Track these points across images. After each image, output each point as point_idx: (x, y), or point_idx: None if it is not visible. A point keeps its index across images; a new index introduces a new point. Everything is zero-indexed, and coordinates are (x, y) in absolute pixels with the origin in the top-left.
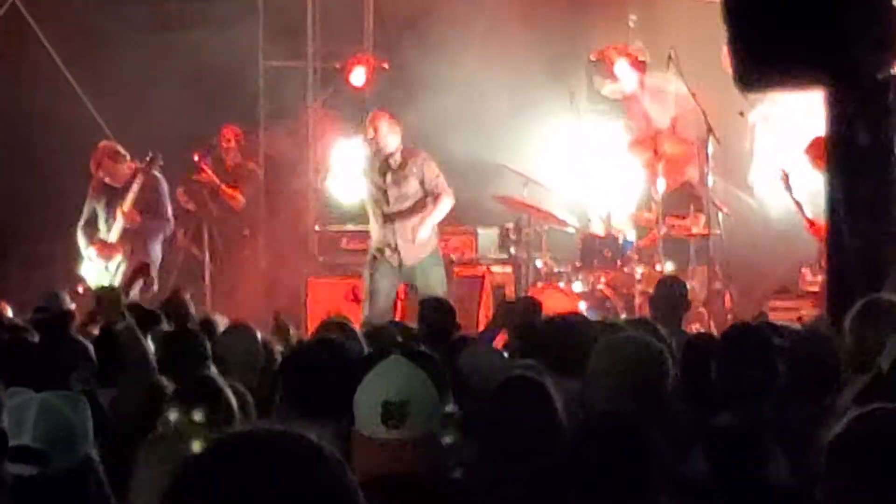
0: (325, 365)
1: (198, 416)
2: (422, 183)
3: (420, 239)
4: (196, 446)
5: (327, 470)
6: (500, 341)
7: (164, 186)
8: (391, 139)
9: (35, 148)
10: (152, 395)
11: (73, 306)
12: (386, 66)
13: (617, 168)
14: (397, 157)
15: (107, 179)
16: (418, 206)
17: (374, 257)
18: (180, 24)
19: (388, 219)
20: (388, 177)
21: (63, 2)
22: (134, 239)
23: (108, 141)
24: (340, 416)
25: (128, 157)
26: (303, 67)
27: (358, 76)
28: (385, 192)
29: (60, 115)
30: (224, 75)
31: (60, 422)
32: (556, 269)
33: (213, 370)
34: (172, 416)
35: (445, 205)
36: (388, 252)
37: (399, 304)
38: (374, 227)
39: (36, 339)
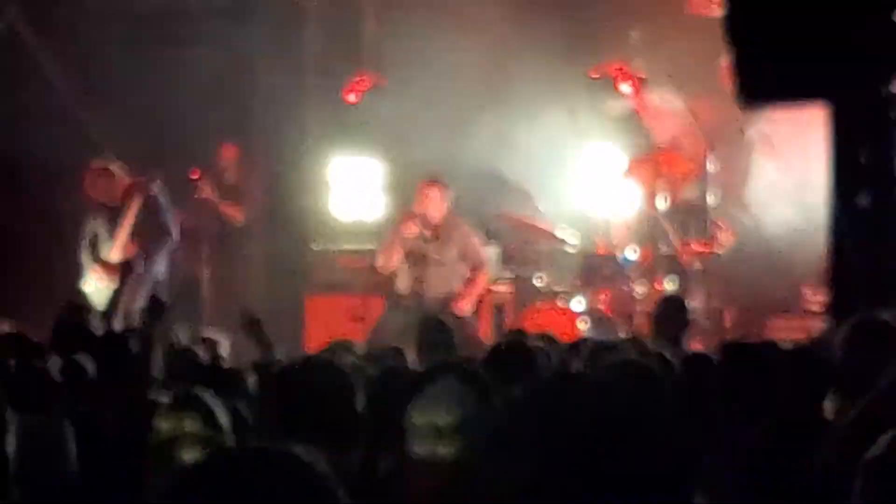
0: (314, 388)
1: (190, 425)
2: (462, 254)
3: (465, 312)
4: (187, 456)
5: (316, 486)
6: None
7: (164, 202)
8: (436, 211)
9: (32, 164)
10: (147, 409)
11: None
12: (385, 83)
13: (617, 186)
14: (441, 227)
15: (103, 200)
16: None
17: (397, 300)
18: (178, 41)
19: (423, 275)
20: (431, 244)
21: (60, 19)
22: (136, 258)
23: (98, 160)
24: (334, 439)
25: (119, 175)
26: (300, 84)
27: (354, 96)
28: (425, 254)
29: (57, 131)
30: (222, 93)
31: (41, 444)
32: (555, 288)
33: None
34: (165, 425)
35: (484, 278)
36: (411, 298)
37: None
38: (403, 274)
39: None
